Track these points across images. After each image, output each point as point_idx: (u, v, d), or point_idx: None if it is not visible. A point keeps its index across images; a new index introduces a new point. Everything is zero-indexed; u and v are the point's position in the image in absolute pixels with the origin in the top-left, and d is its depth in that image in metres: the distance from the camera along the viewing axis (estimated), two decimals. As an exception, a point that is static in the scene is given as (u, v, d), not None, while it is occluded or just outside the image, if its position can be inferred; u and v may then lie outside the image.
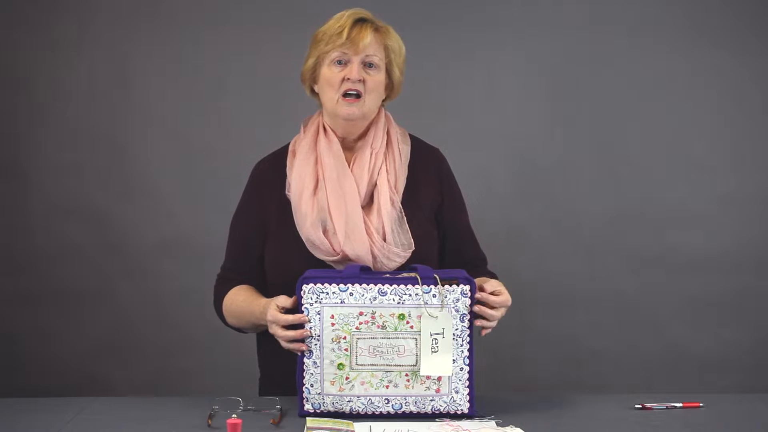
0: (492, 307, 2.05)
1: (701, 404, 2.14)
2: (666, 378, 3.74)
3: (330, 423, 1.95)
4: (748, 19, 3.73)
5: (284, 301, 2.04)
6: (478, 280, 2.08)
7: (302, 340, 2.02)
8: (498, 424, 1.97)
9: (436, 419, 2.01)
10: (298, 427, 1.95)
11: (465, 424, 1.98)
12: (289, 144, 2.32)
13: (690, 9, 3.73)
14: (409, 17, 3.60)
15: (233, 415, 1.88)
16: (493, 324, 2.06)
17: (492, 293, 2.06)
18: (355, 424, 1.96)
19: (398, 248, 2.17)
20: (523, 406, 2.11)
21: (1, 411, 2.08)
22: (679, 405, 2.13)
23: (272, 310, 2.04)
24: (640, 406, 2.12)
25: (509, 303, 2.09)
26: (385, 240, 2.17)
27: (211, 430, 1.93)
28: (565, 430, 1.97)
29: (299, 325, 2.01)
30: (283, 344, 2.04)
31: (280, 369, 2.18)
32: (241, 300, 2.23)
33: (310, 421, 1.95)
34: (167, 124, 3.72)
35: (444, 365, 2.00)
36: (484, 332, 2.06)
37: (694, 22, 3.73)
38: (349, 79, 2.18)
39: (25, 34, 3.68)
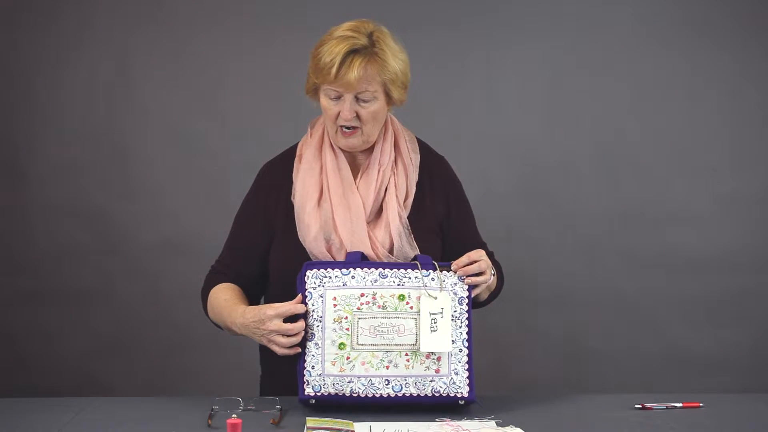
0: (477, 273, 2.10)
1: (701, 404, 2.14)
2: (666, 378, 3.74)
3: (330, 423, 1.95)
4: (748, 19, 3.73)
5: (279, 306, 2.07)
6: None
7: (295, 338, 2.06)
8: (498, 424, 1.97)
9: (436, 419, 2.01)
10: (298, 427, 1.95)
11: (465, 424, 1.98)
12: (296, 145, 2.31)
13: (690, 9, 3.73)
14: (408, 18, 3.60)
15: (233, 415, 1.88)
16: (483, 279, 2.10)
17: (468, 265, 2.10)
18: (355, 424, 1.96)
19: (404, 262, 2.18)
20: (523, 406, 2.11)
21: (1, 411, 2.08)
22: (679, 405, 2.13)
23: (270, 317, 2.06)
24: (640, 406, 2.12)
25: (485, 264, 2.11)
26: (391, 253, 2.18)
27: (211, 430, 1.93)
28: (565, 430, 1.97)
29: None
30: (279, 350, 2.06)
31: (282, 367, 2.18)
32: (224, 298, 2.22)
33: (310, 421, 1.96)
34: (167, 124, 3.72)
35: (443, 343, 2.04)
36: (476, 291, 2.11)
37: (694, 22, 3.73)
38: (342, 117, 2.16)
39: (25, 34, 3.68)
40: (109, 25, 3.69)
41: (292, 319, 2.07)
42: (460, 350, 2.06)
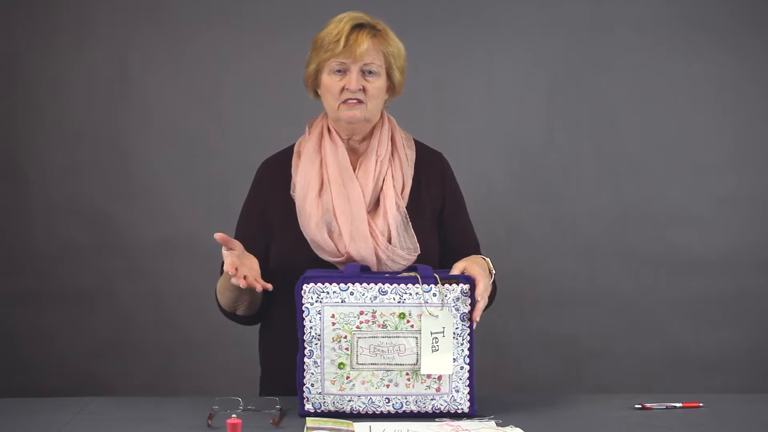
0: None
1: (701, 404, 2.14)
2: (666, 378, 3.74)
3: (330, 423, 1.95)
4: (748, 19, 3.73)
5: (219, 234, 2.03)
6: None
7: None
8: (498, 424, 1.97)
9: (436, 419, 2.02)
10: (298, 427, 1.95)
11: (465, 424, 1.98)
12: (293, 145, 2.33)
13: (690, 9, 3.73)
14: (408, 18, 3.60)
15: (233, 415, 1.88)
16: (483, 304, 2.05)
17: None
18: (355, 424, 1.96)
19: (403, 251, 2.18)
20: (523, 406, 2.11)
21: (1, 411, 2.08)
22: (679, 405, 2.13)
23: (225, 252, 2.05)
24: (640, 406, 2.12)
25: (486, 278, 2.06)
26: (390, 242, 2.18)
27: (211, 430, 1.93)
28: (565, 430, 1.97)
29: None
30: (226, 266, 2.03)
31: (281, 367, 2.18)
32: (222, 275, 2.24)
33: (310, 421, 1.96)
34: (167, 124, 3.72)
35: (444, 364, 2.01)
36: (477, 316, 2.04)
37: (694, 22, 3.73)
38: (348, 89, 2.19)
39: (25, 34, 3.68)
40: (110, 26, 3.69)
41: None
42: (462, 368, 2.03)
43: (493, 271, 2.16)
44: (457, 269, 2.07)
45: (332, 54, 2.19)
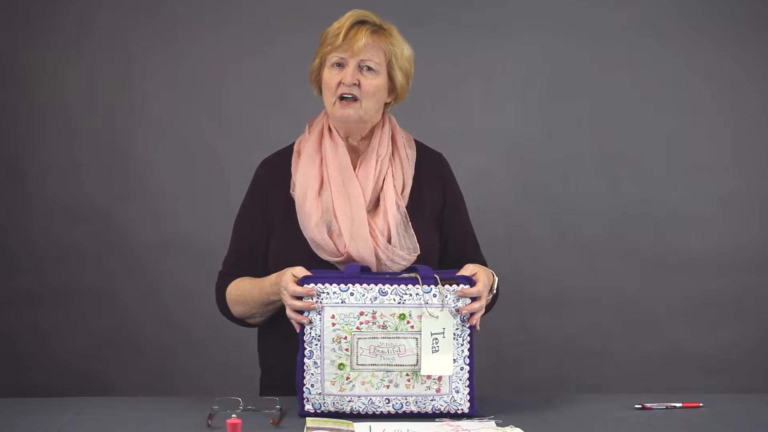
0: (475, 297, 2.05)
1: (701, 404, 2.14)
2: (666, 378, 3.74)
3: (330, 423, 1.95)
4: (748, 19, 3.73)
5: (300, 271, 2.05)
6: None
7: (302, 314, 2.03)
8: (498, 424, 1.97)
9: (436, 419, 2.02)
10: (298, 427, 1.95)
11: (465, 424, 1.98)
12: (293, 144, 2.33)
13: (690, 9, 3.73)
14: (409, 17, 3.58)
15: (233, 415, 1.88)
16: (480, 312, 2.06)
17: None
18: (355, 424, 1.96)
19: (403, 251, 2.18)
20: (523, 406, 2.11)
21: (1, 411, 2.08)
22: (679, 405, 2.13)
23: (288, 275, 2.05)
24: (640, 406, 2.12)
25: (487, 287, 2.08)
26: (390, 242, 2.18)
27: (211, 430, 1.93)
28: (565, 430, 1.97)
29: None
30: (288, 313, 2.04)
31: (281, 367, 2.19)
32: (247, 283, 2.24)
33: (310, 421, 1.96)
34: (167, 124, 3.72)
35: (445, 365, 2.01)
36: (474, 321, 2.05)
37: (694, 22, 3.73)
38: (343, 83, 2.19)
39: (25, 34, 3.68)
40: (110, 25, 3.69)
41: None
42: (461, 368, 2.03)
43: (494, 291, 2.17)
44: (467, 270, 2.07)
45: (332, 48, 2.19)
